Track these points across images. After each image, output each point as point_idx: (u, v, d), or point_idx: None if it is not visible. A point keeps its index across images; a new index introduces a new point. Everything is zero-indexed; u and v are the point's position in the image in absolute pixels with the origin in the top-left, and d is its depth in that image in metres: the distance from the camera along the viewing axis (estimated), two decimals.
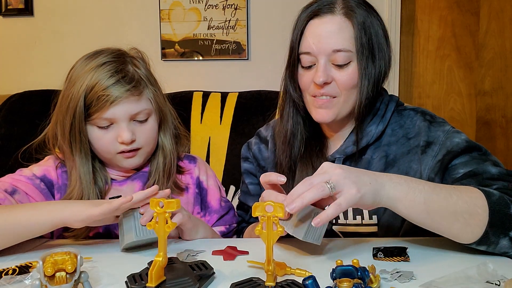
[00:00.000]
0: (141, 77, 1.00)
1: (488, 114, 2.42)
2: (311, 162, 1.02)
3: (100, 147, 0.99)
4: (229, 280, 0.71)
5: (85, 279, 0.65)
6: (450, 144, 0.94)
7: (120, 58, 1.00)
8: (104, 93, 0.94)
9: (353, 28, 0.94)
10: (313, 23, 0.96)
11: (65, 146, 1.00)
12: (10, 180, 1.00)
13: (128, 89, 0.96)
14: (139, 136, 1.00)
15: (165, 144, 1.07)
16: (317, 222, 0.71)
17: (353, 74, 0.95)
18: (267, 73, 2.27)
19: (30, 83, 2.08)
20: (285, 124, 1.04)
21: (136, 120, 1.00)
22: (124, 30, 2.38)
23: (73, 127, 0.97)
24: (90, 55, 1.01)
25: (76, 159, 0.99)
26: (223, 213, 1.12)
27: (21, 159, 1.05)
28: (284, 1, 2.29)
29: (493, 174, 0.87)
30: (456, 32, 2.39)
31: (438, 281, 0.69)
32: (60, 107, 1.00)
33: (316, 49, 0.94)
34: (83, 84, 0.95)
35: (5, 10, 2.43)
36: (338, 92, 0.96)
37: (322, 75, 0.93)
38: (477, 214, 0.78)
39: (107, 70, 0.96)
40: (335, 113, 0.97)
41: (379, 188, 0.76)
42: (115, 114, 0.96)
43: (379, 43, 0.96)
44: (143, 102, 1.00)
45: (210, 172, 1.17)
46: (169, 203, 0.67)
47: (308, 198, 0.72)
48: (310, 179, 0.75)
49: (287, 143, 1.03)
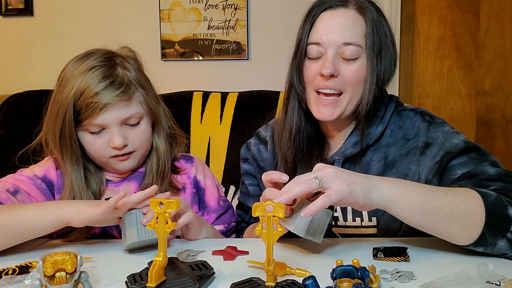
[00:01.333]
0: (131, 81, 0.99)
1: (488, 114, 2.42)
2: (310, 162, 1.01)
3: (93, 152, 0.99)
4: (229, 280, 0.71)
5: (85, 279, 0.65)
6: (448, 145, 0.94)
7: (109, 62, 0.98)
8: (93, 100, 0.93)
9: (365, 24, 0.94)
10: (325, 15, 0.95)
11: (56, 153, 1.00)
12: (12, 180, 1.00)
13: (117, 95, 0.94)
14: (131, 140, 0.99)
15: (159, 146, 1.06)
16: (306, 213, 0.71)
17: (360, 70, 0.94)
18: (267, 73, 2.27)
19: (30, 83, 2.08)
20: (290, 119, 1.02)
21: (128, 124, 0.99)
22: (124, 30, 2.38)
23: (63, 133, 0.96)
24: (80, 57, 0.99)
25: (67, 165, 0.99)
26: (222, 212, 1.12)
27: (18, 161, 1.05)
28: (284, 1, 2.29)
29: (491, 174, 0.87)
30: (456, 32, 2.39)
31: (438, 281, 0.68)
32: (50, 113, 0.99)
33: (326, 40, 0.93)
34: (72, 90, 0.94)
35: (5, 10, 2.43)
36: (344, 87, 0.95)
37: (329, 66, 0.92)
38: (474, 215, 0.77)
39: (96, 76, 0.94)
40: (339, 112, 0.96)
41: (371, 187, 0.76)
42: (106, 120, 0.95)
43: (386, 44, 0.96)
44: (134, 106, 0.99)
45: (208, 171, 1.16)
46: (169, 203, 0.67)
47: (296, 191, 0.72)
48: (300, 176, 0.75)
49: (293, 140, 1.02)
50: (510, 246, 0.78)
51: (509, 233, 0.78)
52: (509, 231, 0.78)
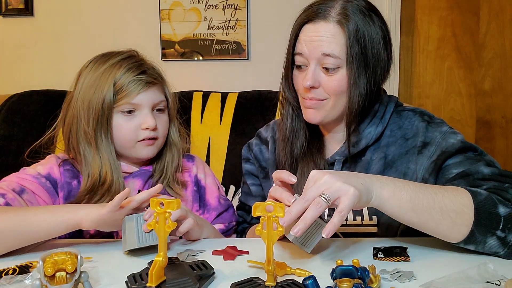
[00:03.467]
0: (159, 73, 1.09)
1: (488, 114, 2.42)
2: (313, 160, 1.02)
3: (122, 135, 1.04)
4: (229, 280, 0.71)
5: (85, 279, 0.65)
6: (445, 145, 0.95)
7: (136, 56, 1.08)
8: (134, 79, 1.02)
9: (345, 36, 0.93)
10: (307, 27, 0.96)
11: (90, 131, 1.02)
12: (16, 180, 1.00)
13: (154, 78, 1.05)
14: (158, 126, 1.06)
15: (175, 140, 1.13)
16: (327, 233, 0.71)
17: (340, 81, 0.95)
18: (267, 73, 2.27)
19: (30, 83, 2.08)
20: (285, 123, 1.05)
21: (156, 109, 1.07)
22: (124, 30, 2.38)
23: (102, 113, 1.01)
24: (101, 56, 1.07)
25: (102, 142, 1.03)
26: (222, 210, 1.13)
27: (20, 159, 1.05)
28: (284, 1, 2.29)
29: (485, 174, 0.87)
30: (456, 32, 2.39)
31: (438, 281, 0.69)
32: (82, 100, 1.03)
33: (307, 51, 0.95)
34: (111, 75, 1.01)
35: (5, 10, 2.42)
36: (326, 96, 0.96)
37: (309, 79, 0.94)
38: (463, 213, 0.78)
39: (132, 63, 1.04)
40: (322, 115, 0.98)
41: (370, 187, 0.77)
42: (142, 100, 1.03)
43: (375, 52, 0.95)
44: (162, 94, 1.09)
45: (208, 170, 1.19)
46: (169, 203, 0.67)
47: (310, 219, 0.72)
48: (304, 195, 0.75)
49: (287, 141, 1.04)
50: (501, 244, 0.79)
51: (499, 231, 0.78)
52: (499, 229, 0.78)
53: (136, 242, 0.84)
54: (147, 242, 0.85)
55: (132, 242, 0.84)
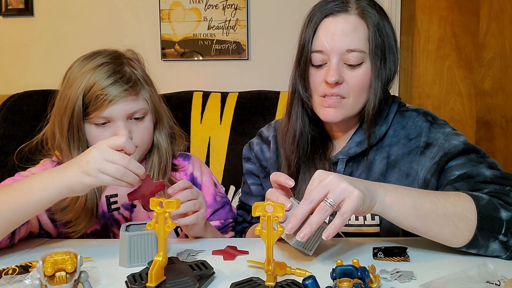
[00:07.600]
0: (138, 78, 1.03)
1: (488, 114, 2.42)
2: (314, 163, 1.02)
3: None
4: (229, 280, 0.71)
5: (85, 279, 0.65)
6: (447, 146, 0.94)
7: (117, 60, 1.03)
8: (102, 93, 0.96)
9: (367, 28, 0.93)
10: (327, 21, 0.94)
11: (64, 145, 1.01)
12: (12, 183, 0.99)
13: (125, 89, 0.98)
14: (135, 134, 1.02)
15: (161, 143, 1.09)
16: (327, 236, 0.71)
17: (364, 76, 0.94)
18: (267, 73, 2.27)
19: (30, 83, 2.08)
20: (294, 124, 1.03)
21: (133, 118, 1.02)
22: (124, 30, 2.38)
23: (71, 125, 0.99)
24: (87, 56, 1.03)
25: (74, 156, 0.98)
26: (218, 207, 1.13)
27: (18, 161, 1.05)
28: (284, 1, 2.29)
29: (487, 177, 0.87)
30: (456, 32, 2.39)
31: (438, 281, 0.68)
32: (58, 107, 1.01)
33: (329, 47, 0.93)
34: (81, 84, 0.97)
35: (5, 10, 2.42)
36: (348, 92, 0.95)
37: (334, 74, 0.92)
38: (466, 218, 0.78)
39: (105, 71, 0.99)
40: (343, 114, 0.96)
41: (373, 192, 0.77)
42: (113, 113, 0.98)
43: (390, 45, 0.96)
44: (140, 102, 1.03)
45: (205, 169, 1.19)
46: (169, 203, 0.67)
47: (315, 224, 0.72)
48: (309, 196, 0.74)
49: (296, 143, 1.02)
50: (503, 248, 0.79)
51: (501, 236, 0.78)
52: (501, 233, 0.78)
53: (127, 263, 0.82)
54: (137, 262, 0.82)
55: (123, 263, 0.82)
